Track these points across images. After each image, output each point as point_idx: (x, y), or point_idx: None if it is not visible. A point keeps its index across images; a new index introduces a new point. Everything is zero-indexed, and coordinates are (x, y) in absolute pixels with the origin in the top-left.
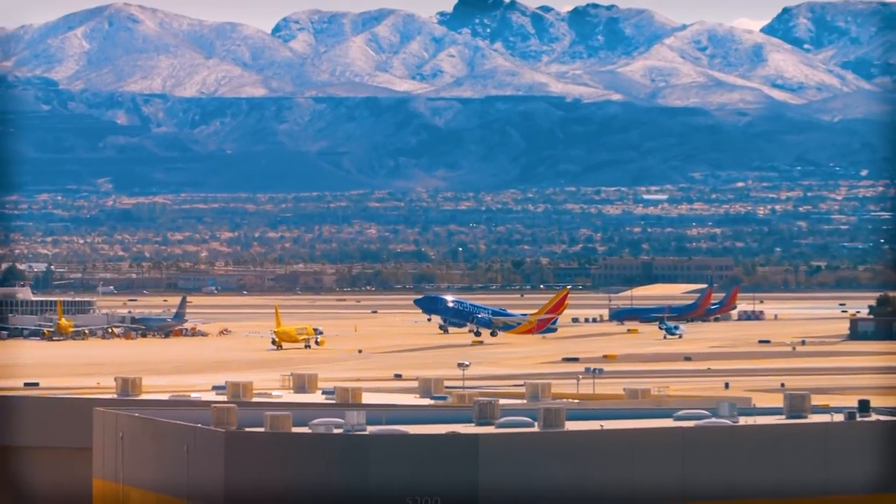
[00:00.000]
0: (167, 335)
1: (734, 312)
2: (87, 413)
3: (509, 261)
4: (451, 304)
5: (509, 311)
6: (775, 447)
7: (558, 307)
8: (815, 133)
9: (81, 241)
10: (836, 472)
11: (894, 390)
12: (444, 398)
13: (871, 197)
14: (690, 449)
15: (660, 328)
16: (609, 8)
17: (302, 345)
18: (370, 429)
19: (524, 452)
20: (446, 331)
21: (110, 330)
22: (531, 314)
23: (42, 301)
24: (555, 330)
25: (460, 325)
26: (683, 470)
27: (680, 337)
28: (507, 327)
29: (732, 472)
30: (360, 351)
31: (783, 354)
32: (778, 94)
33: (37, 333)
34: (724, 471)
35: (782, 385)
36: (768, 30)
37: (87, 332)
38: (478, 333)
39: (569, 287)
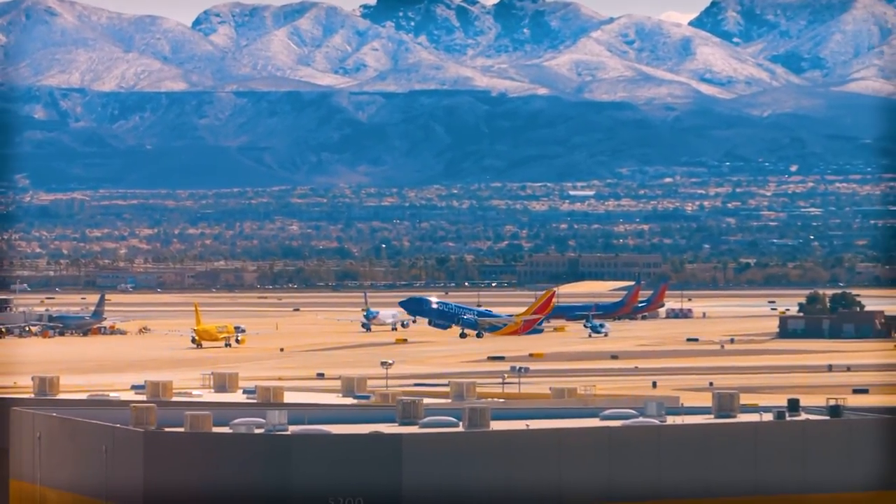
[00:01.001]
0: (85, 333)
1: (662, 310)
2: (4, 413)
3: (433, 258)
4: (434, 306)
5: (494, 312)
6: (704, 447)
7: (544, 308)
8: (745, 128)
9: None
10: (766, 472)
11: (824, 389)
12: (367, 397)
13: (801, 193)
14: (617, 449)
15: (585, 326)
16: (535, 1)
17: (222, 343)
18: (292, 428)
19: (448, 452)
20: (368, 329)
21: (27, 328)
22: (517, 315)
23: None
24: (541, 331)
25: (445, 327)
26: (610, 470)
27: (606, 335)
28: (493, 328)
29: (660, 473)
30: (281, 349)
31: (711, 353)
32: (706, 89)
33: None
34: (652, 471)
35: (711, 384)
36: (697, 23)
37: (3, 330)
38: (463, 335)
39: (555, 289)
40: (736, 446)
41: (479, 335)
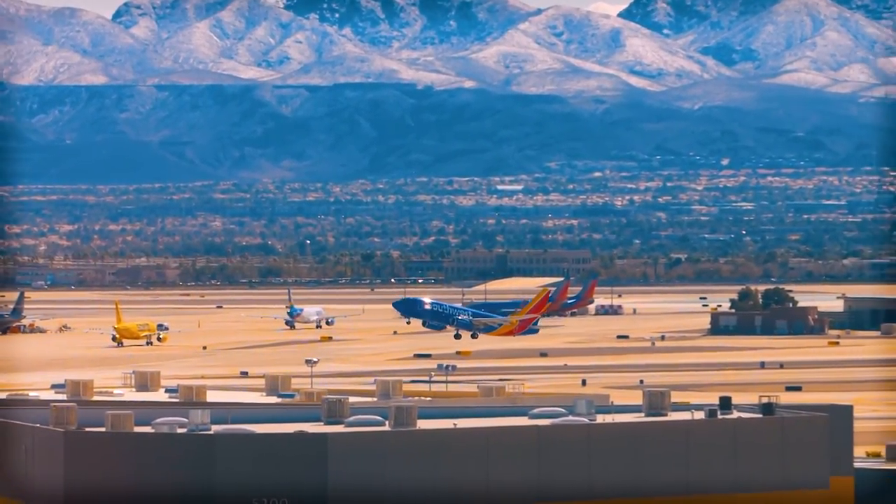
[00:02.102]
0: (4, 332)
1: (591, 307)
2: None
3: (359, 254)
4: (427, 307)
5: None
6: (634, 446)
7: (539, 308)
8: (675, 121)
9: None
10: (697, 470)
11: (756, 386)
12: (291, 396)
13: (733, 187)
14: (546, 448)
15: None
16: None
17: (144, 341)
18: (215, 428)
19: (374, 452)
20: (293, 326)
21: None
22: (512, 315)
23: None
24: (536, 331)
25: (439, 328)
26: (539, 470)
27: (534, 332)
28: (489, 329)
29: (590, 472)
30: (204, 347)
31: (642, 350)
32: (636, 81)
33: None
34: (582, 471)
35: (641, 382)
36: (626, 14)
37: None
38: (458, 336)
39: (549, 289)
40: (667, 445)
41: (473, 336)
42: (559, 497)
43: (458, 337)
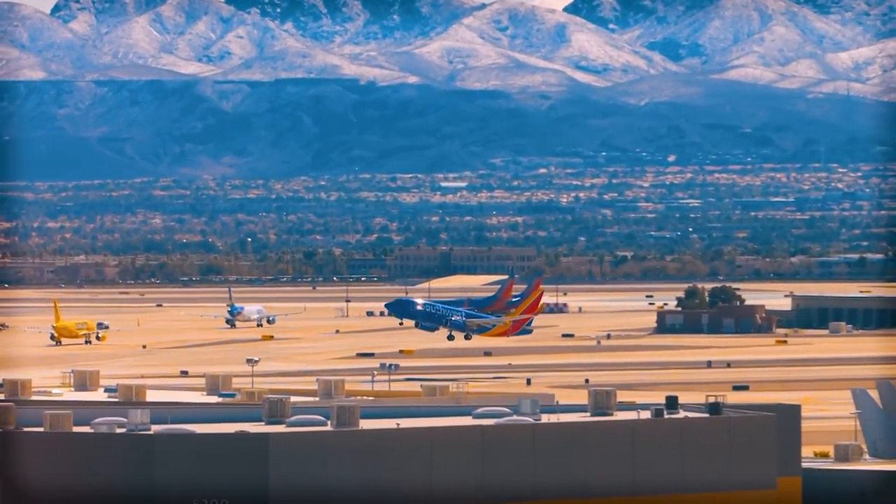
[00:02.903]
0: None
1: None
2: None
3: (301, 252)
4: (419, 308)
5: (483, 312)
6: (580, 446)
7: (534, 308)
8: (621, 117)
9: None
10: (644, 470)
11: (703, 386)
12: (232, 395)
13: (679, 184)
14: (490, 448)
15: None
16: None
17: (83, 340)
18: (155, 428)
19: (316, 452)
20: (233, 325)
21: None
22: (506, 315)
23: None
24: (531, 331)
25: (432, 329)
26: (483, 470)
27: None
28: (483, 329)
29: (535, 472)
30: (144, 346)
31: (588, 349)
32: (582, 77)
33: None
34: (526, 471)
35: (587, 381)
36: (571, 9)
37: None
38: (451, 337)
39: (542, 288)
40: (613, 445)
41: (467, 337)
42: (503, 497)
43: (451, 338)
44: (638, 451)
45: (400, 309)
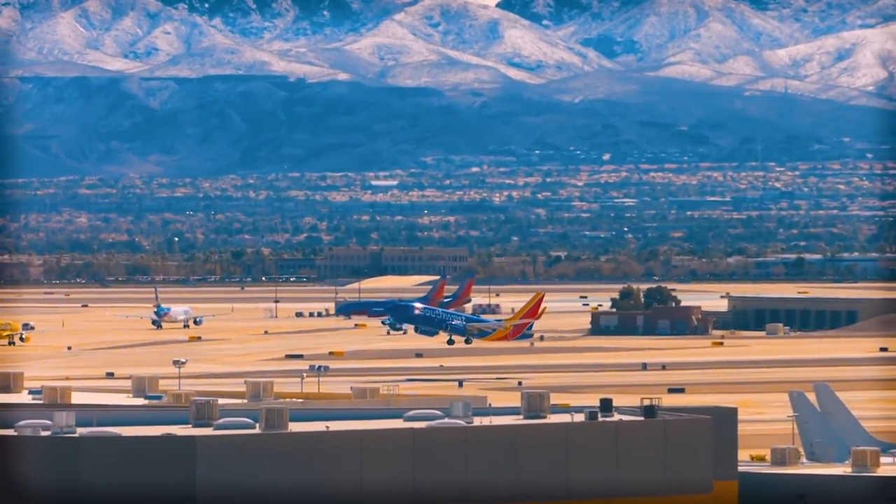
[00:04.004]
0: None
1: (468, 305)
2: None
3: (229, 251)
4: (417, 312)
5: (483, 317)
6: (512, 449)
7: (534, 311)
8: (555, 115)
9: None
10: (577, 474)
11: (638, 388)
12: (158, 397)
13: (614, 183)
14: (422, 451)
15: (384, 324)
16: None
17: (6, 341)
18: (80, 430)
19: (245, 455)
20: (160, 326)
21: None
22: (506, 320)
23: None
24: (531, 335)
25: (432, 334)
26: (414, 473)
27: (405, 333)
28: (483, 334)
29: (467, 476)
30: (69, 348)
31: (520, 350)
32: (515, 74)
33: None
34: (458, 474)
35: (520, 383)
36: (505, 5)
37: None
38: (451, 342)
39: (542, 293)
40: (546, 448)
41: (467, 341)
42: (435, 501)
43: (451, 342)
44: (571, 454)
45: (400, 314)
